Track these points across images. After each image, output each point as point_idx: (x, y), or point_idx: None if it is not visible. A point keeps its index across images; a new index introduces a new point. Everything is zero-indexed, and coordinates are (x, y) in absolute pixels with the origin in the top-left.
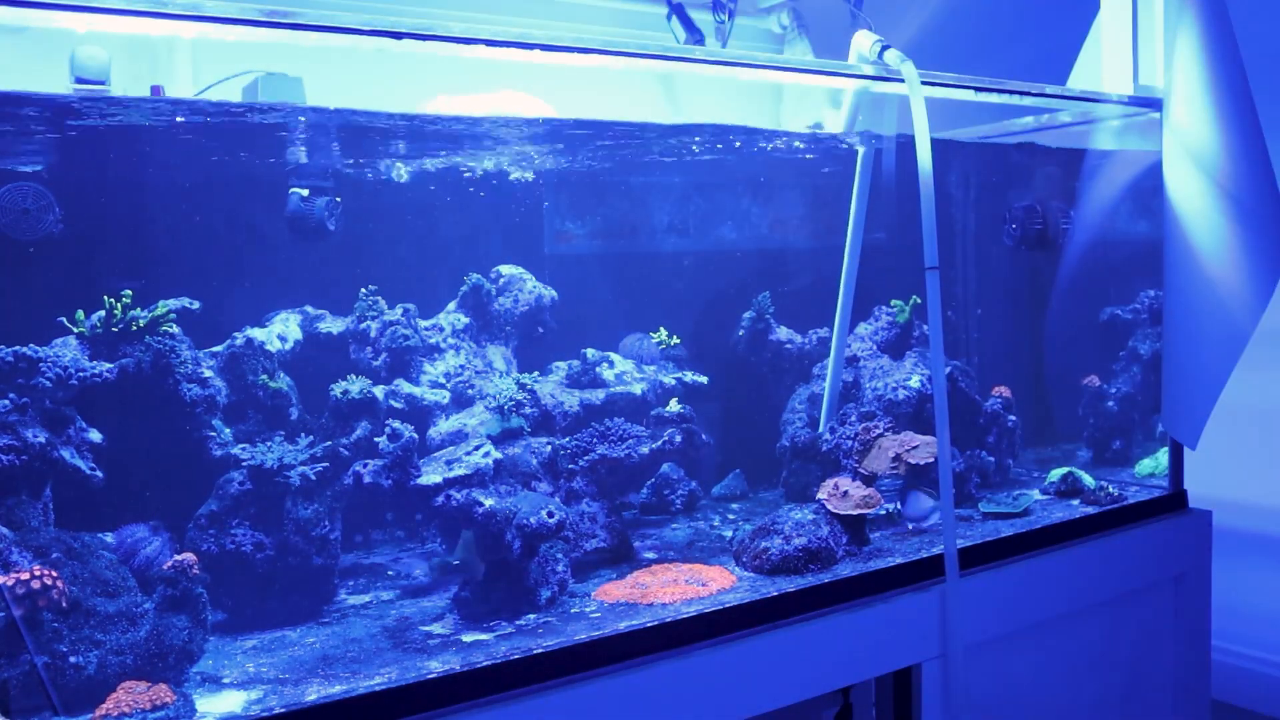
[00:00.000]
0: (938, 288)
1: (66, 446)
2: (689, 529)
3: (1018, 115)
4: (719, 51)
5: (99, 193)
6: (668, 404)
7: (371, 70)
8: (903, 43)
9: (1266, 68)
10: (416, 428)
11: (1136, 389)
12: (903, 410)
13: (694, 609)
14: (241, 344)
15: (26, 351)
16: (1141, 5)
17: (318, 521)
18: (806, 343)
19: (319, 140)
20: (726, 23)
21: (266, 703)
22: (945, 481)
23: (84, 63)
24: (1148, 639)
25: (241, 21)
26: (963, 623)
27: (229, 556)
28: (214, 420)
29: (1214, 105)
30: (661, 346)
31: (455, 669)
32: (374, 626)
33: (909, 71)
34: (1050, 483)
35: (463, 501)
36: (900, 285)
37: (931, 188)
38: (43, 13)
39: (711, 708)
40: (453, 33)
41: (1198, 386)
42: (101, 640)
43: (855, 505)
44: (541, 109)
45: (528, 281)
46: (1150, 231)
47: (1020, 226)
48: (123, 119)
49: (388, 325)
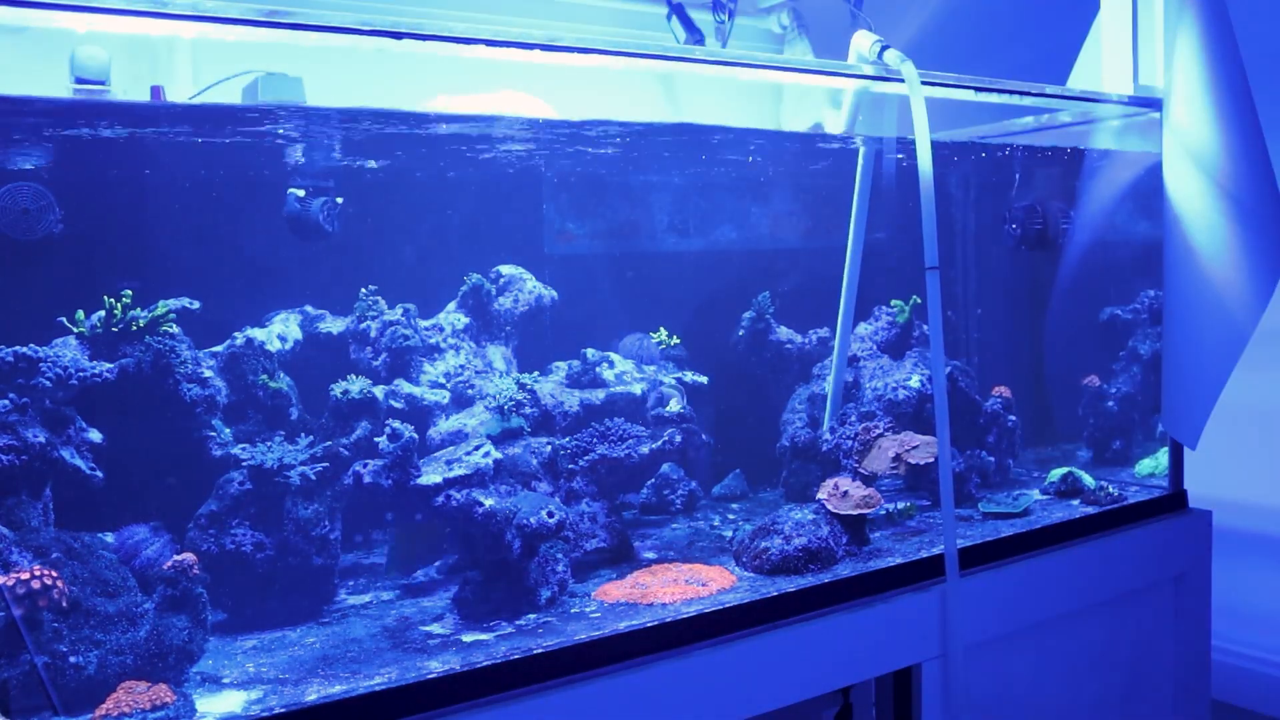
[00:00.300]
0: (938, 288)
1: (66, 446)
2: (689, 529)
3: (1018, 115)
4: (719, 51)
5: (99, 192)
6: (667, 404)
7: (371, 70)
8: (903, 43)
9: (1266, 68)
10: (416, 428)
11: (1136, 389)
12: (903, 410)
13: (694, 609)
14: (241, 344)
15: (26, 351)
16: (1141, 5)
17: (318, 521)
18: (807, 343)
19: (319, 140)
20: (726, 23)
21: (266, 703)
22: (945, 481)
23: (84, 63)
24: (1148, 639)
25: (241, 21)
26: (963, 623)
27: (229, 556)
28: (214, 420)
29: (1214, 105)
30: (661, 346)
31: (455, 669)
32: (374, 626)
33: (909, 71)
34: (1050, 483)
35: (463, 501)
36: (900, 285)
37: (931, 188)
38: (43, 13)
39: (711, 708)
40: (453, 33)
41: (1198, 386)
42: (101, 640)
43: (855, 505)
44: (541, 109)
45: (528, 281)
46: (1150, 231)
47: (1020, 226)
48: (122, 119)
49: (388, 325)
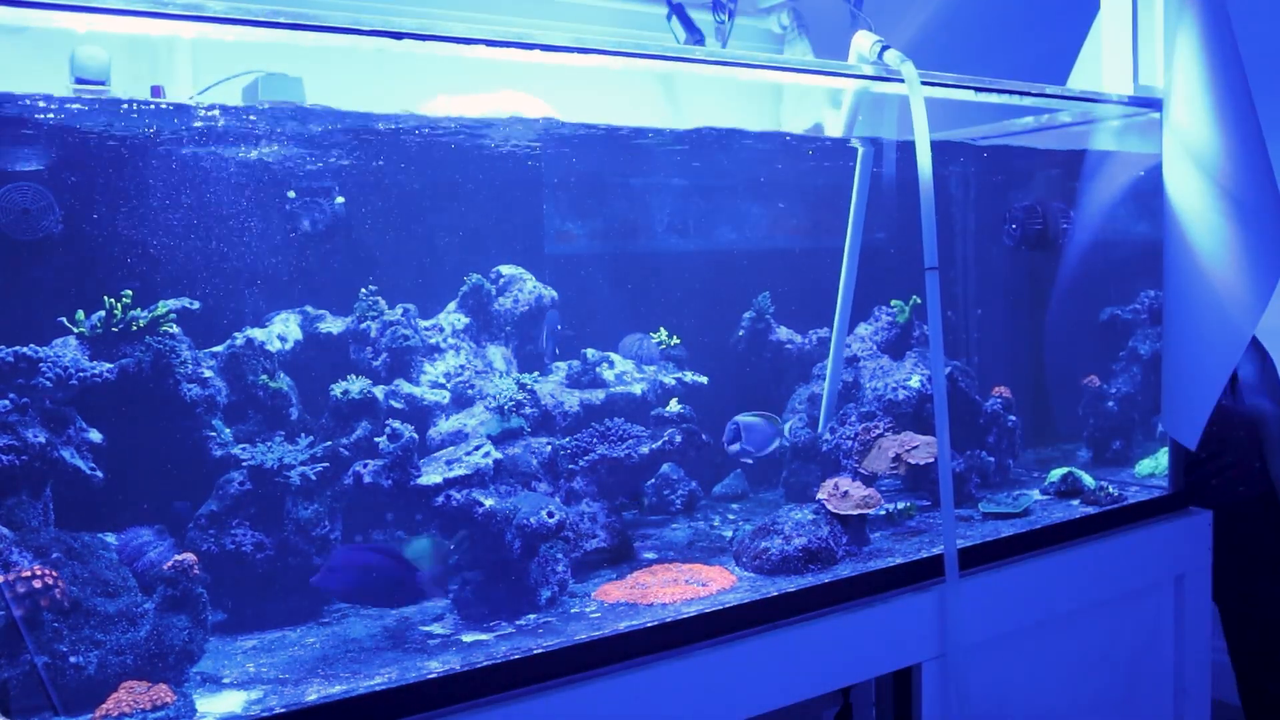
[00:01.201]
0: (937, 288)
1: (66, 446)
2: (689, 529)
3: (1018, 115)
4: (719, 51)
5: (99, 192)
6: (668, 404)
7: (371, 70)
8: (903, 43)
9: (1266, 68)
10: (416, 428)
11: (1136, 389)
12: (903, 410)
13: (694, 609)
14: (241, 344)
15: (26, 351)
16: (1141, 5)
17: (318, 521)
18: (806, 343)
19: (319, 140)
20: (726, 23)
21: (266, 703)
22: (945, 481)
23: (84, 63)
24: (1148, 639)
25: (241, 21)
26: (963, 623)
27: (229, 556)
28: (214, 420)
29: (1214, 105)
30: (661, 347)
31: (455, 669)
32: (374, 626)
33: (909, 72)
34: (1050, 483)
35: (463, 501)
36: (900, 285)
37: (931, 188)
38: (43, 13)
39: (711, 708)
40: (453, 33)
41: (1197, 386)
42: (102, 640)
43: (855, 505)
44: (541, 109)
45: (528, 281)
46: (1150, 231)
47: (1020, 226)
48: (122, 119)
49: (388, 325)
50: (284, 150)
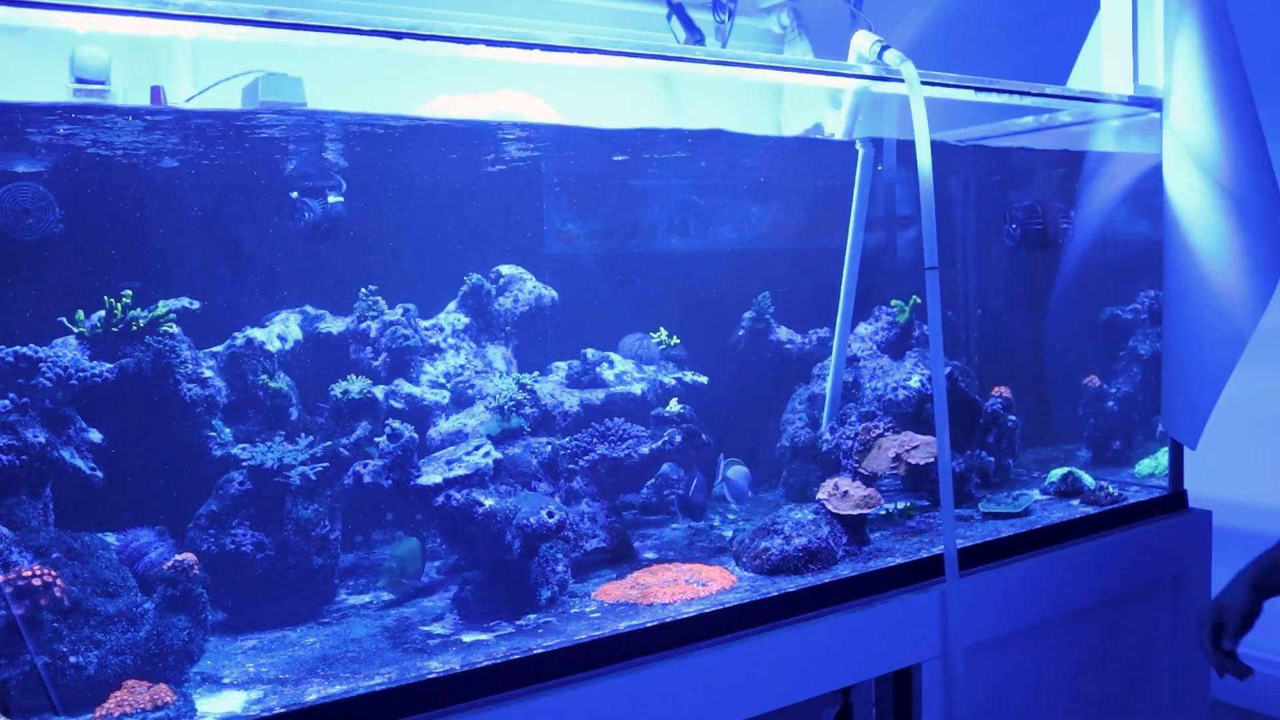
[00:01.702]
0: (937, 288)
1: (66, 446)
2: (689, 529)
3: (1018, 115)
4: (719, 51)
5: (99, 193)
6: (668, 404)
7: (372, 70)
8: (903, 43)
9: (1266, 68)
10: (416, 428)
11: (1136, 389)
12: (903, 410)
13: (694, 609)
14: (241, 344)
15: (26, 351)
16: (1141, 5)
17: (318, 521)
18: (806, 343)
19: (319, 140)
20: (726, 23)
21: (266, 703)
22: (945, 481)
23: (84, 63)
24: (1147, 639)
25: (241, 21)
26: (963, 623)
27: (229, 556)
28: (214, 420)
29: (1214, 105)
30: (661, 346)
31: (455, 669)
32: (374, 626)
33: (909, 71)
34: (1050, 483)
35: (463, 501)
36: (900, 285)
37: (931, 188)
38: (43, 13)
39: (711, 708)
40: (453, 33)
41: (1198, 387)
42: (102, 640)
43: (855, 505)
44: (541, 109)
45: (528, 281)
46: (1150, 231)
47: (1020, 226)
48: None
49: (388, 325)
50: (283, 150)
